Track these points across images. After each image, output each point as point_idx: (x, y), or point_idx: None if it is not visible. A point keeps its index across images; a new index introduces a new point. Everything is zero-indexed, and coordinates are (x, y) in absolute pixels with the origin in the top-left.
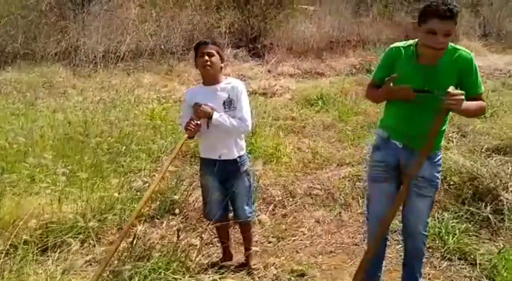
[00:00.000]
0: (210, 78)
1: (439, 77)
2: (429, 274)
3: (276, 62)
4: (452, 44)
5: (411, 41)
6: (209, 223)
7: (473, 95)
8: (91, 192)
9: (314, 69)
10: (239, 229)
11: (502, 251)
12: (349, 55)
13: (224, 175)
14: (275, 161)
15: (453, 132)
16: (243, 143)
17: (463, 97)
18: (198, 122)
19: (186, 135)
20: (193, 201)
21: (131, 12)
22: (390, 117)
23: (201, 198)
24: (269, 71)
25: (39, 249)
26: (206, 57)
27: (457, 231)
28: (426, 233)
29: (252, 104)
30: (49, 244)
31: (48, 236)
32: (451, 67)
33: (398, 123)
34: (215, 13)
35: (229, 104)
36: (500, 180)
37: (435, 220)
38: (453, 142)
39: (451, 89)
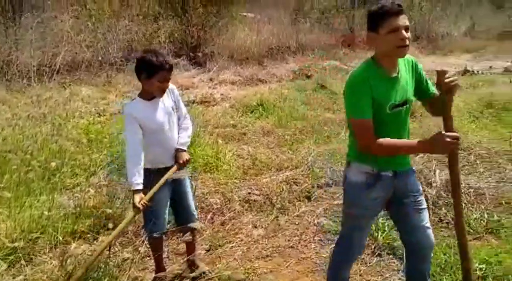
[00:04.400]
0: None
1: (404, 85)
2: (360, 271)
3: (218, 70)
4: None
5: (363, 65)
6: (150, 236)
7: (433, 92)
8: (19, 211)
9: (255, 76)
10: (188, 236)
11: None
12: (289, 61)
13: (176, 179)
14: (214, 170)
15: None
16: None
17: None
18: (149, 204)
19: (132, 213)
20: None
21: (65, 23)
22: None
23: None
24: (211, 79)
25: None
26: (167, 84)
27: (386, 227)
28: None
29: (192, 113)
30: None
31: None
32: (408, 73)
33: None
34: (153, 23)
35: (175, 107)
36: (425, 177)
37: None
38: None
39: (439, 68)
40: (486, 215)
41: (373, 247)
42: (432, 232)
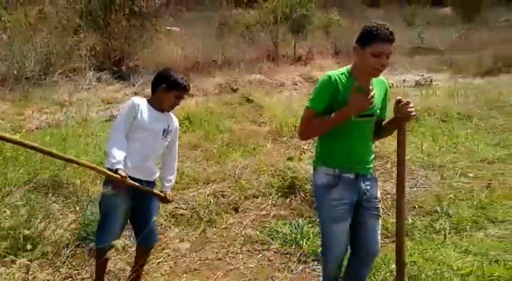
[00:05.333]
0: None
1: (374, 99)
2: (287, 278)
3: (143, 84)
4: None
5: (342, 69)
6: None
7: (382, 116)
8: None
9: None
10: (140, 256)
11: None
12: (216, 75)
13: (143, 198)
14: None
15: (304, 144)
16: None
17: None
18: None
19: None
20: (49, 234)
21: None
22: (333, 152)
23: (58, 231)
24: (135, 93)
25: None
26: (179, 102)
27: (311, 235)
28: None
29: None
30: None
31: None
32: (379, 89)
33: (345, 154)
34: (73, 36)
35: (167, 134)
36: None
37: (291, 226)
38: (304, 153)
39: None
40: None
41: (298, 254)
42: (380, 239)
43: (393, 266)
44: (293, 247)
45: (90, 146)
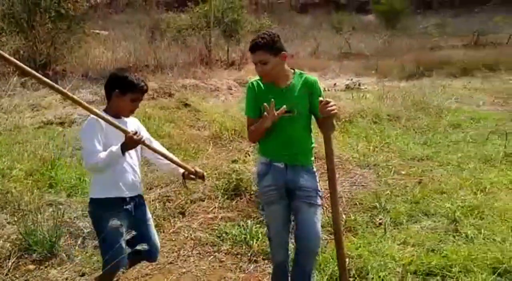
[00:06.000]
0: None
1: (293, 98)
2: (239, 278)
3: (72, 89)
4: (298, 70)
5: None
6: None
7: (315, 113)
8: None
9: None
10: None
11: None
12: (149, 79)
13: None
14: (80, 192)
15: (250, 147)
16: None
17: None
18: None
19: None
20: None
21: None
22: (267, 143)
23: None
24: (65, 99)
25: None
26: (137, 105)
27: (260, 235)
28: (320, 236)
29: (51, 134)
30: None
31: None
32: (301, 89)
33: (274, 146)
34: None
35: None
36: None
37: (241, 228)
38: (249, 155)
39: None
40: (344, 216)
41: (249, 254)
42: (320, 228)
43: None
44: (243, 247)
45: (25, 154)
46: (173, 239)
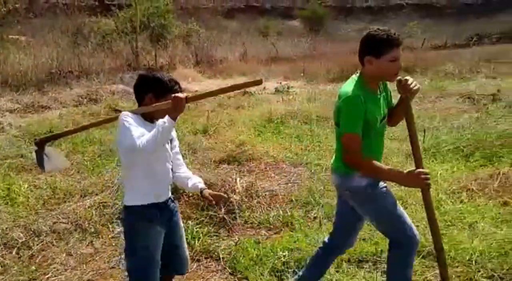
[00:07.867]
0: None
1: (383, 102)
2: (184, 277)
3: None
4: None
5: (353, 81)
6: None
7: (393, 104)
8: None
9: (37, 102)
10: None
11: (238, 243)
12: (73, 86)
13: (169, 219)
14: (9, 203)
15: (185, 150)
16: None
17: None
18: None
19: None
20: None
21: None
22: (372, 154)
23: None
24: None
25: None
26: None
27: (201, 235)
28: None
29: None
30: None
31: None
32: (385, 90)
33: (378, 154)
34: None
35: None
36: (229, 185)
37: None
38: (186, 157)
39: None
40: (281, 212)
41: (192, 254)
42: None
43: (280, 253)
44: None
45: None
46: (113, 244)
